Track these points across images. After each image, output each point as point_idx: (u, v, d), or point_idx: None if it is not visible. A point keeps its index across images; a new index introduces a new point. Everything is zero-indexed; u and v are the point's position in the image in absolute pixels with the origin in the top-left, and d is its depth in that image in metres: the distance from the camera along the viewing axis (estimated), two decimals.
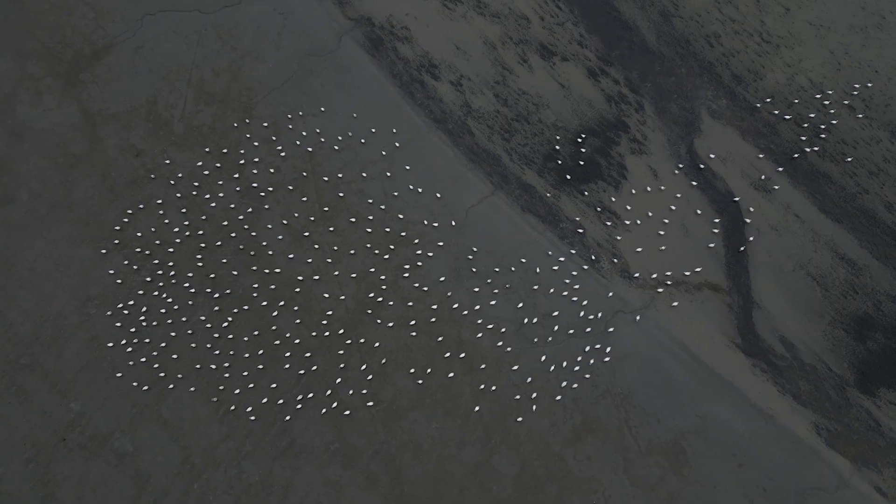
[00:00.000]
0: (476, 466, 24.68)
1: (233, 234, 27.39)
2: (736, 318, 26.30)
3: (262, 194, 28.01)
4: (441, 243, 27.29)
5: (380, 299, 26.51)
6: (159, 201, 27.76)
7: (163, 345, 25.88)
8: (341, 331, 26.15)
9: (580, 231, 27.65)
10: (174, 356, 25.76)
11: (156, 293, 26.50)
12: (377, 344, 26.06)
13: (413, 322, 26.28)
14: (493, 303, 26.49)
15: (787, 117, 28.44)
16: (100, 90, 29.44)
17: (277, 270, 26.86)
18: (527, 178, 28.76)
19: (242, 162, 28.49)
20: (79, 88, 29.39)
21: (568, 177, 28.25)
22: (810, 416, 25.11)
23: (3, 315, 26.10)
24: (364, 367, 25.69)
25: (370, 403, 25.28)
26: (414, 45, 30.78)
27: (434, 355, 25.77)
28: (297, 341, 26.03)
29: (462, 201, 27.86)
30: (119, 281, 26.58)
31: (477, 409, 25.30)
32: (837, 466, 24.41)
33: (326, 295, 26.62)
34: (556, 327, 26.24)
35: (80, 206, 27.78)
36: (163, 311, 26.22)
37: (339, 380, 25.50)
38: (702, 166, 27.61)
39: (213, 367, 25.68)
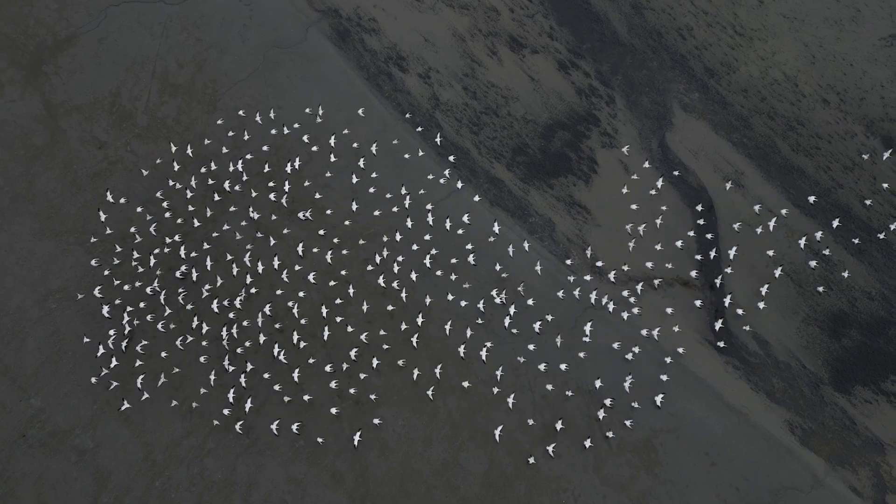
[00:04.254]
0: (443, 464, 24.31)
1: (197, 228, 27.15)
2: (708, 315, 25.98)
3: (227, 188, 27.78)
4: (408, 238, 27.02)
5: (346, 294, 26.20)
6: (122, 194, 27.55)
7: (125, 341, 25.61)
8: (307, 326, 25.87)
9: (550, 226, 27.39)
10: (137, 351, 25.48)
11: (119, 288, 26.24)
12: (344, 340, 25.75)
13: (380, 318, 25.94)
14: (461, 298, 26.15)
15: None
16: (62, 82, 29.21)
17: (242, 264, 26.57)
18: (496, 171, 28.43)
19: (207, 154, 28.27)
20: (41, 80, 29.17)
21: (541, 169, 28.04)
22: (784, 414, 24.76)
23: None
24: (330, 363, 25.37)
25: (336, 399, 25.01)
26: (381, 36, 30.54)
27: (401, 351, 25.41)
28: (262, 337, 25.76)
29: (430, 195, 27.54)
30: (81, 275, 26.32)
31: (444, 406, 25.00)
32: (812, 465, 24.04)
33: (292, 290, 26.33)
34: (525, 324, 25.87)
35: (41, 198, 27.50)
36: (127, 306, 25.97)
37: (304, 376, 25.21)
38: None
39: (177, 362, 25.36)
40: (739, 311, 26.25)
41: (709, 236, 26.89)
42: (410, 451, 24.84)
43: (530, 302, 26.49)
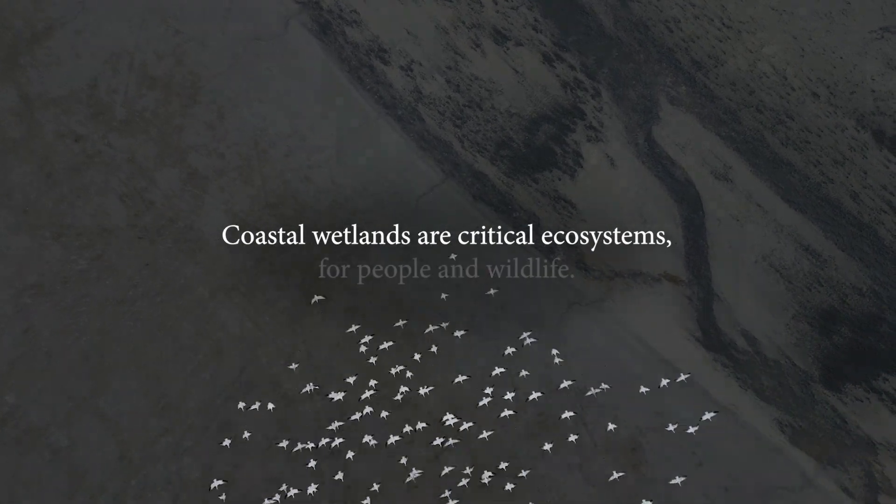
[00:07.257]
0: (425, 464, 24.08)
1: (175, 223, 26.88)
2: (696, 311, 25.52)
3: (206, 182, 27.58)
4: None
5: (326, 289, 25.96)
6: (99, 188, 27.32)
7: (101, 336, 25.31)
8: (286, 322, 25.62)
9: (534, 221, 27.08)
10: (113, 348, 25.22)
11: (95, 282, 25.98)
12: (323, 336, 25.51)
13: (360, 314, 25.69)
14: (443, 295, 25.88)
15: None
16: (39, 74, 29.07)
17: (220, 260, 26.30)
18: (479, 165, 28.13)
19: (186, 148, 28.12)
20: (17, 72, 29.08)
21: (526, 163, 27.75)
22: (773, 412, 24.35)
23: None
24: (310, 359, 25.22)
25: (315, 394, 24.73)
26: (363, 28, 30.32)
27: (382, 348, 25.22)
28: (240, 333, 25.49)
29: (412, 189, 27.26)
30: (57, 270, 26.05)
31: (426, 403, 24.72)
32: (802, 465, 23.58)
33: (271, 285, 26.06)
34: (508, 320, 25.53)
35: (16, 192, 27.28)
36: (102, 301, 25.69)
37: (283, 373, 24.89)
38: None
39: (154, 359, 25.16)
40: (727, 308, 25.99)
41: (696, 231, 26.60)
42: (391, 450, 24.65)
43: (512, 297, 26.19)
